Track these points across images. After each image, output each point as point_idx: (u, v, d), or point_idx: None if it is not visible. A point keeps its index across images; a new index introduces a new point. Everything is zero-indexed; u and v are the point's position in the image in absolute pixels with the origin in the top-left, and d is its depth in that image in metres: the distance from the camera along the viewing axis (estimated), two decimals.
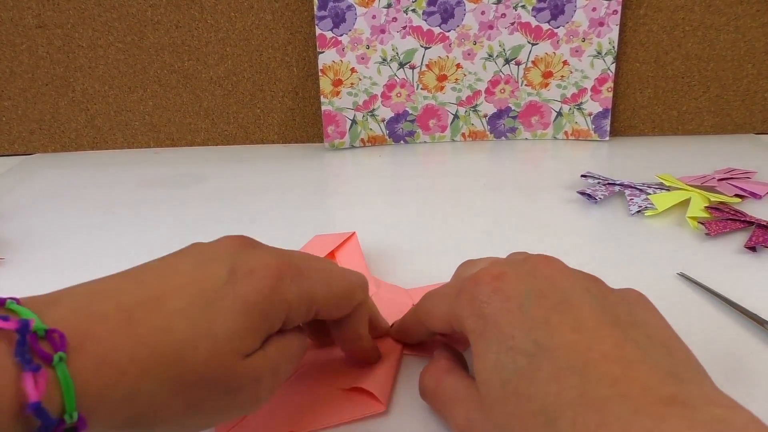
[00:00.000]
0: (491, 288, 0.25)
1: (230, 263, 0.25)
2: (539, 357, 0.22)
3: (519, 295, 0.24)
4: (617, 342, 0.22)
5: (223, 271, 0.24)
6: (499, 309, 0.24)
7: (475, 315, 0.25)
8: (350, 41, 0.64)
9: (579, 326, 0.23)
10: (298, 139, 0.72)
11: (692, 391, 0.20)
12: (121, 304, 0.22)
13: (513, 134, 0.70)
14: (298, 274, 0.26)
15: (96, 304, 0.22)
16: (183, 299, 0.23)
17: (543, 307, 0.24)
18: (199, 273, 0.24)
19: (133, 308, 0.22)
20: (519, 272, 0.26)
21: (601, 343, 0.22)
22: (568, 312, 0.23)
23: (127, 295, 0.23)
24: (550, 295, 0.24)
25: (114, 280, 0.24)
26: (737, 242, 0.45)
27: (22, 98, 0.69)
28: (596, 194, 0.52)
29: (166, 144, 0.72)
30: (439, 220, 0.51)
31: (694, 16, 0.65)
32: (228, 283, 0.24)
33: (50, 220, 0.54)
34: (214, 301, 0.23)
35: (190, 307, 0.23)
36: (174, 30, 0.67)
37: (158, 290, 0.23)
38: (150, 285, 0.23)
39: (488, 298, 0.25)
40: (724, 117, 0.69)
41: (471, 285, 0.26)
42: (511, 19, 0.64)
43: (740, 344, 0.34)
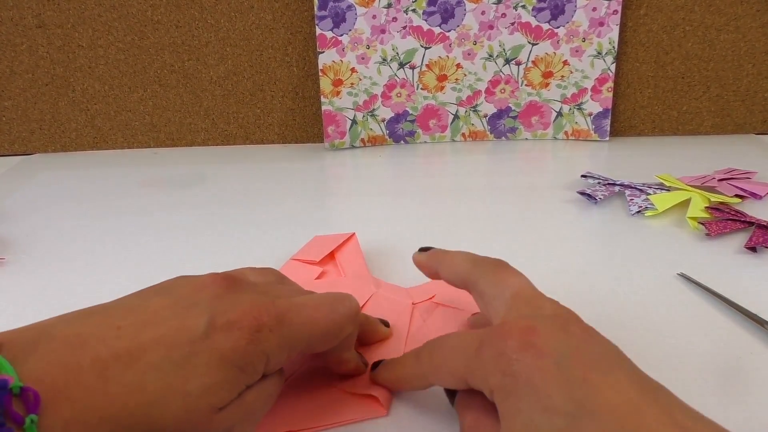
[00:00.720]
0: (520, 344, 0.23)
1: (209, 312, 0.24)
2: (581, 419, 0.21)
3: (554, 352, 0.23)
4: (664, 407, 0.21)
5: (201, 322, 0.24)
6: (533, 366, 0.23)
7: (502, 372, 0.23)
8: (350, 41, 0.64)
9: (622, 387, 0.22)
10: (298, 139, 0.72)
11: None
12: (97, 358, 0.22)
13: (513, 134, 0.70)
14: (278, 322, 0.25)
15: (73, 355, 0.22)
16: (159, 353, 0.23)
17: (582, 365, 0.22)
18: (178, 323, 0.24)
19: (109, 363, 0.22)
20: (552, 328, 0.24)
21: (649, 407, 0.21)
22: (609, 373, 0.22)
23: (105, 345, 0.22)
24: (587, 354, 0.23)
25: (94, 323, 0.24)
26: (737, 242, 0.45)
27: (22, 98, 0.69)
28: (596, 194, 0.52)
29: (166, 144, 0.72)
30: (440, 220, 0.51)
31: (694, 16, 0.65)
32: (205, 336, 0.24)
33: (50, 220, 0.54)
34: (189, 357, 0.23)
35: (164, 362, 0.23)
36: (174, 30, 0.67)
37: (135, 342, 0.23)
38: (127, 335, 0.23)
39: (519, 355, 0.23)
40: (724, 117, 0.69)
41: (497, 339, 0.24)
42: (512, 19, 0.64)
43: (740, 344, 0.34)
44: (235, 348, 0.24)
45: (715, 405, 0.29)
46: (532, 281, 0.29)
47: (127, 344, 0.23)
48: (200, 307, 0.25)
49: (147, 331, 0.23)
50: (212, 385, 0.23)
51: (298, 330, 0.26)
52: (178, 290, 0.26)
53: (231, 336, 0.24)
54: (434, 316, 0.36)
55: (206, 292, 0.26)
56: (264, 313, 0.25)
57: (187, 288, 0.26)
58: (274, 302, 0.26)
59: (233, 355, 0.24)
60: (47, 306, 0.40)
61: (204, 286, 0.26)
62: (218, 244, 0.48)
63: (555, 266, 0.43)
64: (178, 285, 0.26)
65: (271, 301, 0.26)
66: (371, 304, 0.38)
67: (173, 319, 0.24)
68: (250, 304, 0.25)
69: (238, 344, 0.24)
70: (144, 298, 0.25)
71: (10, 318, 0.39)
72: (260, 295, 0.26)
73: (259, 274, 0.30)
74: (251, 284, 0.28)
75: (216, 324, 0.24)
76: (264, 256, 0.46)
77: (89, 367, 0.22)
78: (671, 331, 0.36)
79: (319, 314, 0.27)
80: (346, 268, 0.42)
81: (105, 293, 0.42)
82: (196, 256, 0.46)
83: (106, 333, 0.23)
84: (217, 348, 0.24)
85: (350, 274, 0.41)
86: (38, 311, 0.40)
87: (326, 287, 0.40)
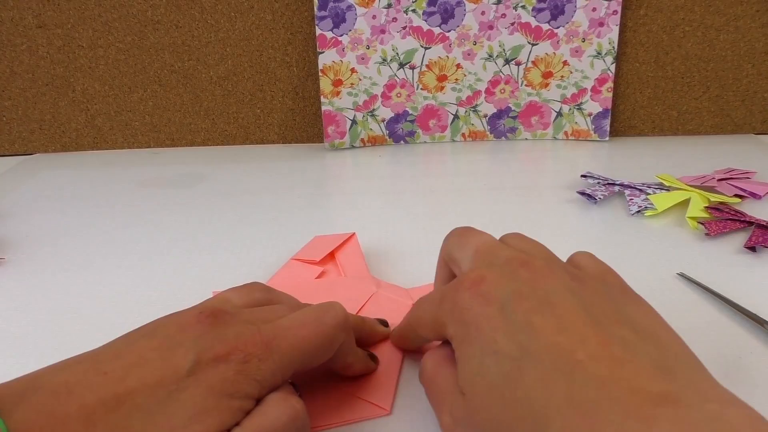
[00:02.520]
0: (471, 293, 0.25)
1: (195, 350, 0.25)
2: (524, 361, 0.22)
3: (499, 298, 0.24)
4: (602, 341, 0.22)
5: (187, 361, 0.24)
6: (480, 314, 0.24)
7: (457, 321, 0.25)
8: (350, 41, 0.64)
9: (562, 327, 0.22)
10: (298, 139, 0.72)
11: (685, 387, 0.20)
12: (83, 405, 0.22)
13: (513, 134, 0.70)
14: (266, 350, 0.25)
15: (60, 404, 0.22)
16: (144, 394, 0.23)
17: (524, 309, 0.23)
18: (163, 363, 0.24)
19: (95, 408, 0.22)
20: (499, 275, 0.25)
21: (585, 344, 0.22)
22: (550, 313, 0.23)
23: (91, 392, 0.23)
24: (530, 297, 0.24)
25: (81, 371, 0.24)
26: (737, 242, 0.45)
27: (22, 98, 0.69)
28: (596, 194, 0.52)
29: (166, 144, 0.72)
30: (439, 221, 0.51)
31: (694, 16, 0.65)
32: (191, 373, 0.24)
33: (50, 220, 0.54)
34: (175, 393, 0.23)
35: (149, 402, 0.23)
36: (174, 30, 0.67)
37: (121, 386, 0.23)
38: (113, 380, 0.23)
39: (468, 304, 0.25)
40: (724, 117, 0.69)
41: (451, 292, 0.26)
42: (511, 19, 0.64)
43: (740, 344, 0.34)
44: (223, 380, 0.24)
45: None
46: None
47: (113, 389, 0.23)
48: (185, 346, 0.25)
49: (132, 375, 0.24)
50: (198, 414, 0.23)
51: (288, 353, 0.26)
52: (163, 331, 0.26)
53: (218, 370, 0.24)
54: None
55: (191, 331, 0.26)
56: (250, 344, 0.25)
57: (172, 328, 0.26)
58: (260, 330, 0.26)
59: (222, 386, 0.24)
60: (47, 306, 0.40)
61: (188, 326, 0.26)
62: (218, 244, 0.48)
63: None
64: (162, 325, 0.26)
65: (257, 330, 0.26)
66: (371, 304, 0.38)
67: (159, 360, 0.24)
68: (235, 337, 0.25)
69: (226, 376, 0.24)
70: (130, 342, 0.26)
71: (10, 318, 0.39)
72: (246, 326, 0.26)
73: (245, 294, 0.30)
74: (235, 314, 0.28)
75: (202, 361, 0.24)
76: (264, 256, 0.46)
77: (75, 414, 0.22)
78: None
79: (307, 331, 0.27)
80: (346, 267, 0.42)
81: (105, 293, 0.42)
82: (196, 256, 0.46)
83: (92, 380, 0.23)
84: (204, 381, 0.24)
85: (350, 274, 0.41)
86: (38, 311, 0.40)
87: (326, 287, 0.40)
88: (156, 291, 0.42)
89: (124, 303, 0.40)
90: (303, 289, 0.39)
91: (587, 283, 0.25)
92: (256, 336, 0.26)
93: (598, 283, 0.26)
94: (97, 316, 0.39)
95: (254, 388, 0.25)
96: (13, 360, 0.35)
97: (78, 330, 0.38)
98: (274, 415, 0.25)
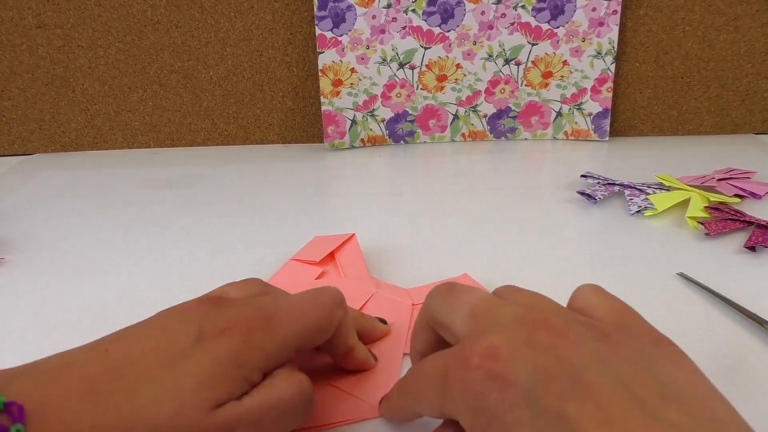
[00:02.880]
0: (483, 374, 0.21)
1: (197, 326, 0.25)
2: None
3: (521, 380, 0.20)
4: (645, 419, 0.18)
5: (190, 334, 0.24)
6: (500, 402, 0.20)
7: (471, 410, 0.21)
8: (350, 41, 0.64)
9: (603, 419, 0.19)
10: (298, 139, 0.72)
11: None
12: (84, 375, 0.22)
13: (513, 134, 0.70)
14: (268, 325, 0.26)
15: (60, 375, 0.22)
16: (147, 364, 0.23)
17: (554, 394, 0.20)
18: (165, 337, 0.24)
19: (97, 378, 0.22)
20: (514, 343, 0.21)
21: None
22: (586, 398, 0.19)
23: (92, 365, 0.23)
24: (559, 376, 0.20)
25: (78, 353, 0.24)
26: (737, 242, 0.45)
27: (22, 98, 0.69)
28: (596, 194, 0.52)
29: (166, 144, 0.72)
30: (439, 221, 0.51)
31: (694, 16, 0.65)
32: (196, 344, 0.24)
33: (50, 220, 0.54)
34: (181, 361, 0.23)
35: (154, 370, 0.23)
36: (174, 30, 0.67)
37: (123, 360, 0.23)
38: (115, 355, 0.23)
39: (483, 388, 0.21)
40: (724, 117, 0.69)
41: (458, 371, 0.22)
42: (511, 19, 0.64)
43: (740, 344, 0.34)
44: (229, 350, 0.24)
45: None
46: (524, 282, 0.27)
47: (115, 363, 0.23)
48: (188, 323, 0.25)
49: (136, 348, 0.24)
50: (205, 380, 0.23)
51: (289, 326, 0.26)
52: (165, 317, 0.26)
53: (224, 341, 0.24)
54: None
55: (192, 312, 0.26)
56: (253, 318, 0.26)
57: (174, 314, 0.26)
58: (261, 307, 0.27)
59: (228, 355, 0.24)
60: (47, 306, 0.40)
61: (190, 309, 0.26)
62: (218, 244, 0.48)
63: (555, 266, 0.43)
64: (163, 313, 0.27)
65: (258, 307, 0.27)
66: (371, 304, 0.38)
67: (162, 336, 0.24)
68: (237, 313, 0.26)
69: (233, 346, 0.24)
70: (127, 328, 0.26)
71: (10, 318, 0.39)
72: (246, 306, 0.27)
73: (241, 288, 0.30)
74: (235, 299, 0.28)
75: (206, 335, 0.25)
76: (264, 256, 0.46)
77: (77, 383, 0.22)
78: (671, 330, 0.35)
79: (306, 306, 0.27)
80: (346, 268, 0.42)
81: (104, 293, 0.42)
82: (196, 255, 0.46)
83: (93, 356, 0.23)
84: (210, 350, 0.24)
85: (350, 274, 0.41)
86: (38, 311, 0.40)
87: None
88: (156, 291, 0.42)
89: (124, 303, 0.40)
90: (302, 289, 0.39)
91: (615, 341, 0.22)
92: (257, 311, 0.26)
93: (625, 336, 0.22)
94: (97, 315, 0.39)
95: (260, 360, 0.25)
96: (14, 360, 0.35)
97: (78, 330, 0.38)
98: (282, 388, 0.25)
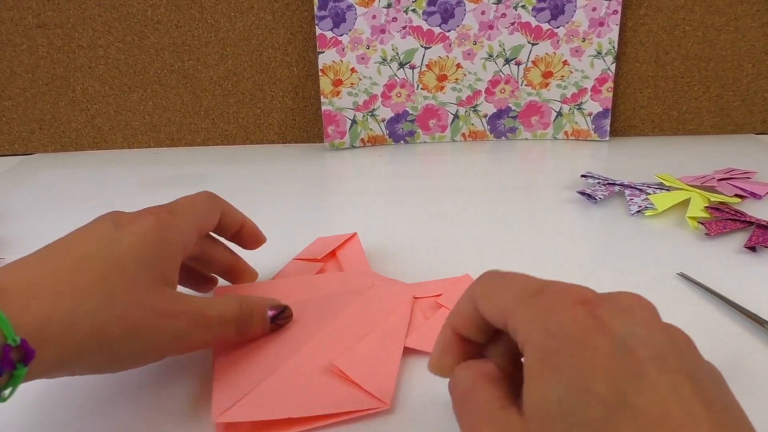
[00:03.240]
0: (584, 309, 0.21)
1: (111, 221, 0.30)
2: (621, 413, 0.19)
3: (618, 331, 0.20)
4: (714, 427, 0.18)
5: (107, 225, 0.29)
6: (586, 336, 0.20)
7: (549, 331, 0.21)
8: (350, 41, 0.64)
9: (676, 393, 0.19)
10: (298, 139, 0.72)
11: None
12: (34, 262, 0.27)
13: (513, 134, 0.70)
14: (169, 210, 0.31)
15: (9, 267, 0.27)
16: (85, 248, 0.28)
17: (639, 356, 0.20)
18: (87, 230, 0.29)
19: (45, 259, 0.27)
20: (616, 306, 0.21)
21: (696, 425, 0.18)
22: (666, 372, 0.19)
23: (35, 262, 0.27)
24: (649, 345, 0.20)
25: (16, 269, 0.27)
26: (737, 242, 0.45)
27: (22, 98, 0.69)
28: (596, 194, 0.52)
29: (166, 144, 0.72)
30: (439, 220, 0.51)
31: (694, 16, 0.65)
32: (116, 229, 0.29)
33: (50, 220, 0.54)
34: (113, 241, 0.28)
35: (95, 249, 0.28)
36: (174, 30, 0.67)
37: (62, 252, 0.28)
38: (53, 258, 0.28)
39: (575, 320, 0.21)
40: (724, 117, 0.69)
41: (558, 294, 0.22)
42: (511, 19, 0.64)
43: (740, 344, 0.34)
44: (147, 227, 0.29)
45: None
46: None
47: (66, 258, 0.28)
48: (102, 220, 0.30)
49: (62, 245, 0.29)
50: (142, 256, 0.28)
51: (186, 210, 0.32)
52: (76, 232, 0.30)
53: (140, 224, 0.29)
54: (437, 315, 0.36)
55: (101, 217, 0.31)
56: (155, 208, 0.31)
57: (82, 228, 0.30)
58: (157, 205, 0.32)
59: (151, 233, 0.29)
60: None
61: (96, 219, 0.31)
62: None
63: (555, 266, 0.43)
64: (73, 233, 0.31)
65: (155, 206, 0.32)
66: (371, 296, 0.37)
67: (82, 231, 0.29)
68: (140, 210, 0.31)
69: (149, 224, 0.29)
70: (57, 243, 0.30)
71: None
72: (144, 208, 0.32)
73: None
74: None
75: (121, 223, 0.29)
76: (264, 256, 0.45)
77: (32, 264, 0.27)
78: None
79: (191, 199, 0.34)
80: (347, 265, 0.42)
81: None
82: None
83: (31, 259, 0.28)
84: (133, 232, 0.29)
85: (351, 270, 0.41)
86: None
87: (326, 280, 0.40)
88: None
89: None
90: (302, 284, 0.39)
91: (694, 349, 0.22)
92: (156, 207, 0.32)
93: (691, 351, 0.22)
94: None
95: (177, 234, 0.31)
96: None
97: None
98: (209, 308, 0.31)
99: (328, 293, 0.38)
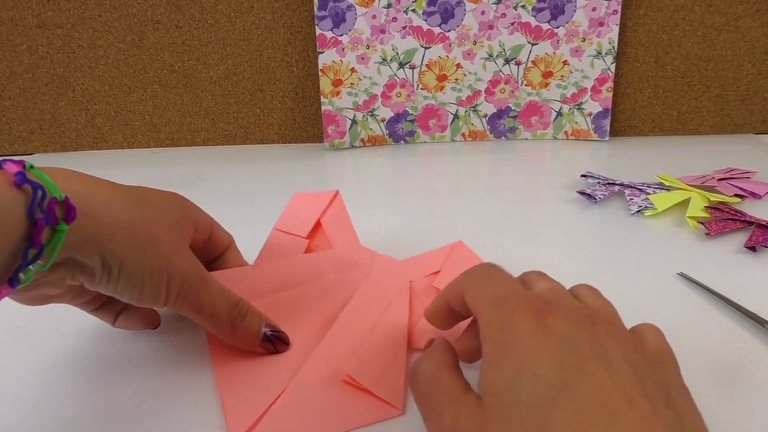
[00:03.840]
0: (534, 318, 0.24)
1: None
2: (564, 394, 0.21)
3: (561, 332, 0.23)
4: (649, 414, 0.21)
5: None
6: (533, 335, 0.23)
7: (503, 329, 0.24)
8: (350, 41, 0.64)
9: (615, 385, 0.21)
10: (298, 139, 0.72)
11: None
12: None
13: (513, 134, 0.70)
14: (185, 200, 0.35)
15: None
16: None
17: (582, 353, 0.22)
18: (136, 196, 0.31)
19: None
20: (568, 314, 0.24)
21: (633, 409, 0.21)
22: (605, 368, 0.22)
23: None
24: (592, 348, 0.23)
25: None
26: (737, 242, 0.45)
27: (22, 98, 0.69)
28: (596, 194, 0.52)
29: (166, 144, 0.72)
30: (439, 220, 0.51)
31: (694, 16, 0.65)
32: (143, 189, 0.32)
33: None
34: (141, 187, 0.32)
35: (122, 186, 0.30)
36: (174, 30, 0.67)
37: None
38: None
39: (525, 323, 0.24)
40: (724, 117, 0.69)
41: (516, 303, 0.25)
42: (511, 19, 0.64)
43: (740, 344, 0.34)
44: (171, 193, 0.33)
45: (714, 405, 0.29)
46: None
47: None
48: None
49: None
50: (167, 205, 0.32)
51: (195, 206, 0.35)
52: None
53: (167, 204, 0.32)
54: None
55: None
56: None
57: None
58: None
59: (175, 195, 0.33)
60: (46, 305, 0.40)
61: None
62: None
63: (555, 266, 0.43)
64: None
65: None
66: (368, 287, 0.37)
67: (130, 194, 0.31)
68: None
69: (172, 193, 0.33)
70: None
71: (10, 317, 0.39)
72: None
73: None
74: None
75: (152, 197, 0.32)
76: None
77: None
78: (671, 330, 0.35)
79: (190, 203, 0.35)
80: (335, 238, 0.41)
81: None
82: None
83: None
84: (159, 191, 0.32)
85: (339, 245, 0.40)
86: (38, 310, 0.40)
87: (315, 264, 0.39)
88: None
89: None
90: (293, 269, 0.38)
91: (648, 360, 0.24)
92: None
93: (658, 365, 0.25)
94: None
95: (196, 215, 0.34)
96: (15, 359, 0.35)
97: (78, 329, 0.38)
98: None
99: (324, 284, 0.37)
